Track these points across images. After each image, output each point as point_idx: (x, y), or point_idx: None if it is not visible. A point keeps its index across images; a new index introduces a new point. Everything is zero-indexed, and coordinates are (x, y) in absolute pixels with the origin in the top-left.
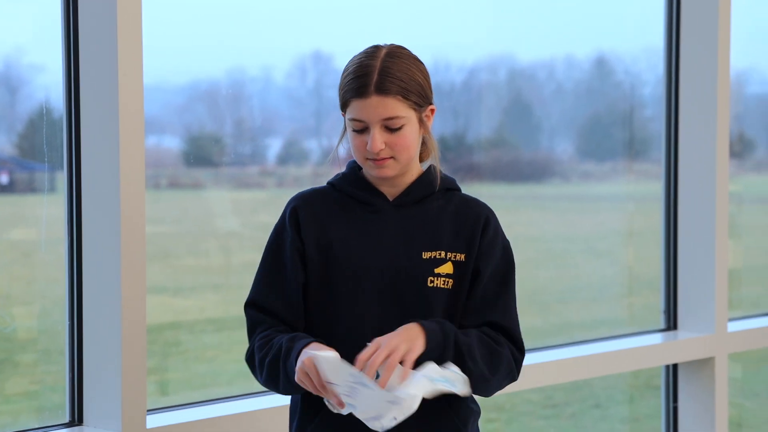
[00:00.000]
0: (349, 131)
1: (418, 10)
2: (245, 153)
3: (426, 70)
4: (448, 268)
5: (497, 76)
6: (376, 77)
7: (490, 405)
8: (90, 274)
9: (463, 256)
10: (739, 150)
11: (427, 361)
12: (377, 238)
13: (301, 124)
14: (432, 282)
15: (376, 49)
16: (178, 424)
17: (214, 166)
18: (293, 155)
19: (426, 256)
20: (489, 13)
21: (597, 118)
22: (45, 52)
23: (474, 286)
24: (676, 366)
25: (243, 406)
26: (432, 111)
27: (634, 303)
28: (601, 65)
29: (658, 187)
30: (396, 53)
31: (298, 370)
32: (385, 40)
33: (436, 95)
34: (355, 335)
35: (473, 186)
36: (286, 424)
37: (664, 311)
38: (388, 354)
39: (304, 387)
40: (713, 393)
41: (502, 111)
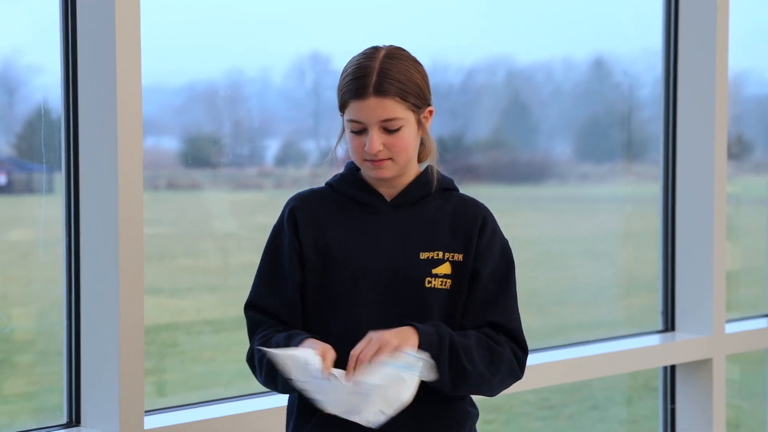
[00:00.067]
0: (347, 132)
1: (417, 11)
2: (243, 154)
3: (425, 72)
4: (445, 269)
5: (495, 77)
6: (374, 78)
7: (488, 406)
8: (88, 275)
9: (461, 256)
10: (737, 151)
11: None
12: (375, 239)
13: (300, 125)
14: (430, 282)
15: (374, 51)
16: (175, 425)
17: (212, 167)
18: (291, 156)
19: (424, 256)
20: (487, 14)
21: (595, 120)
22: (43, 53)
23: (473, 287)
24: (673, 367)
25: (241, 407)
26: (430, 112)
27: (632, 304)
28: (599, 66)
29: (656, 189)
30: (395, 54)
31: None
32: (383, 42)
33: (435, 96)
34: (353, 335)
35: (471, 187)
36: (284, 424)
37: (662, 312)
38: (378, 349)
39: None
40: (711, 394)
41: (500, 112)
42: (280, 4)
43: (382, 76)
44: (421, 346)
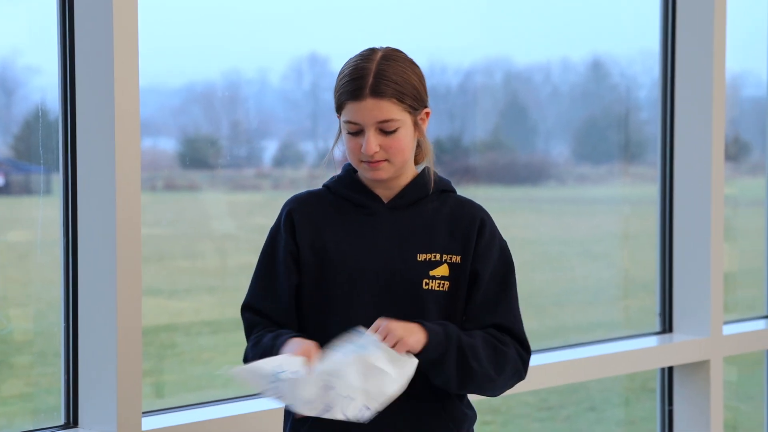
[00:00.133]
0: (344, 133)
1: (415, 12)
2: (241, 155)
3: (421, 74)
4: (443, 270)
5: (493, 78)
6: (371, 80)
7: (486, 407)
8: (86, 276)
9: (458, 258)
10: (735, 153)
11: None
12: (372, 241)
13: (297, 126)
14: (427, 284)
15: (371, 52)
16: (173, 426)
17: (210, 168)
18: (289, 157)
19: (421, 258)
20: (485, 16)
21: (593, 121)
22: (41, 53)
23: (474, 289)
24: (671, 369)
25: (238, 409)
26: (427, 114)
27: (629, 306)
28: (597, 68)
29: (654, 190)
30: (392, 56)
31: None
32: (381, 43)
33: (432, 98)
34: None
35: (469, 188)
36: (281, 426)
37: (660, 314)
38: (384, 337)
39: None
40: (708, 396)
41: (498, 114)
42: (278, 5)
43: (379, 78)
44: (429, 345)
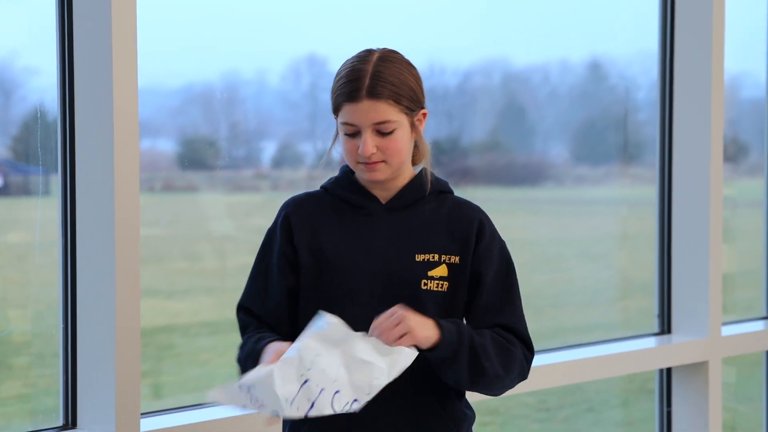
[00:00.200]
0: (341, 135)
1: (413, 13)
2: (240, 156)
3: (418, 75)
4: (442, 271)
5: (492, 79)
6: (367, 81)
7: (484, 408)
8: (84, 277)
9: (457, 258)
10: (733, 154)
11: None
12: (370, 241)
13: (296, 127)
14: (426, 285)
15: (368, 54)
16: (172, 428)
17: (209, 169)
18: (288, 158)
19: (419, 258)
20: (483, 16)
21: (591, 122)
22: (39, 54)
23: (478, 291)
24: (670, 370)
25: (237, 410)
26: (424, 115)
27: (628, 307)
28: (596, 69)
29: (653, 191)
30: (388, 57)
31: None
32: (380, 44)
33: (431, 98)
34: None
35: (468, 189)
36: (280, 427)
37: (658, 315)
38: (397, 323)
39: None
40: (707, 397)
41: (496, 114)
42: (277, 6)
43: (376, 79)
44: (442, 343)
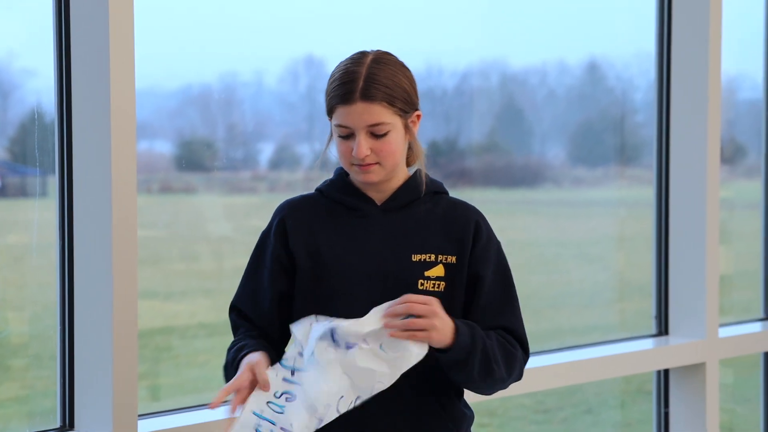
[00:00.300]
0: (335, 137)
1: (411, 15)
2: (237, 157)
3: (412, 77)
4: (438, 271)
5: (489, 81)
6: (361, 84)
7: (482, 410)
8: (81, 279)
9: (453, 258)
10: (730, 156)
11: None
12: (365, 243)
13: (294, 128)
14: (422, 285)
15: (362, 56)
16: (169, 429)
17: (206, 170)
18: (285, 160)
19: (416, 258)
20: (481, 18)
21: (589, 124)
22: (37, 56)
23: (477, 292)
24: (667, 371)
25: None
26: (418, 117)
27: (625, 308)
28: (593, 71)
29: (650, 193)
30: (382, 59)
31: None
32: (377, 46)
33: (429, 100)
34: None
35: (465, 191)
36: None
37: (656, 317)
38: (425, 314)
39: None
40: (704, 398)
41: (494, 116)
42: (275, 8)
43: (369, 82)
44: (456, 346)
